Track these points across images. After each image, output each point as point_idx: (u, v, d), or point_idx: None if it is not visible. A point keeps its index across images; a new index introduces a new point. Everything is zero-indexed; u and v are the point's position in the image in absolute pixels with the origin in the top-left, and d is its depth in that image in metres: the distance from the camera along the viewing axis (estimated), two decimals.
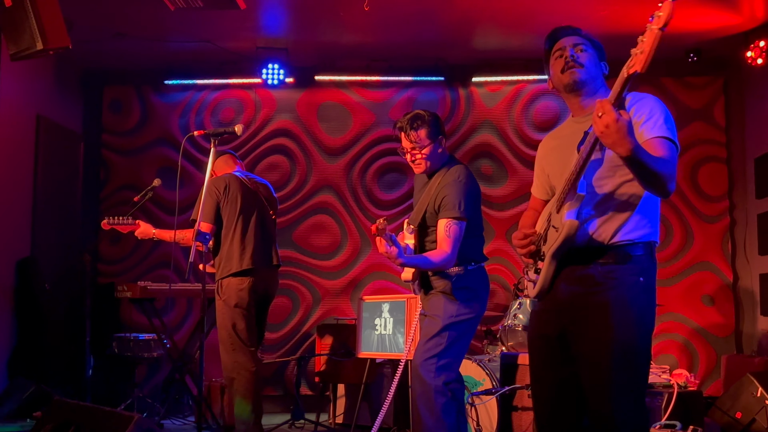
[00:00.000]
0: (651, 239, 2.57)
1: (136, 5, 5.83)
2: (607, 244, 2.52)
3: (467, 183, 3.72)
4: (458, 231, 3.62)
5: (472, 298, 3.71)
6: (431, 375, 3.58)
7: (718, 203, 7.01)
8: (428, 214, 3.75)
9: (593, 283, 2.52)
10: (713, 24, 6.15)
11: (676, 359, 6.83)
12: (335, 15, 6.06)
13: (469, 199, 3.69)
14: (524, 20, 6.07)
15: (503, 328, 5.43)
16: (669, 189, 2.39)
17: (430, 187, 3.78)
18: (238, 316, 4.63)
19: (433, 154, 3.75)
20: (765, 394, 4.76)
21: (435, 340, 3.63)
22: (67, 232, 7.01)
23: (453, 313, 3.65)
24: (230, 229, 4.72)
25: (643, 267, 2.54)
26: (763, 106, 6.59)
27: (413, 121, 3.72)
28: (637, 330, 2.49)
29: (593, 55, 2.65)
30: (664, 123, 2.47)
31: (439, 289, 3.72)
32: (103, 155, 7.44)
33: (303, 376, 6.64)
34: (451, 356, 3.64)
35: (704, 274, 6.95)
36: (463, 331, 3.69)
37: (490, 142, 7.25)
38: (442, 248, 3.63)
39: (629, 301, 2.49)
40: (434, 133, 3.73)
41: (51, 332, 6.33)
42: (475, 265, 3.75)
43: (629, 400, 2.47)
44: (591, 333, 2.50)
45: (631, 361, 2.48)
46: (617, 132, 2.19)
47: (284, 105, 7.38)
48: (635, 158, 2.25)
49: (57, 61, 6.81)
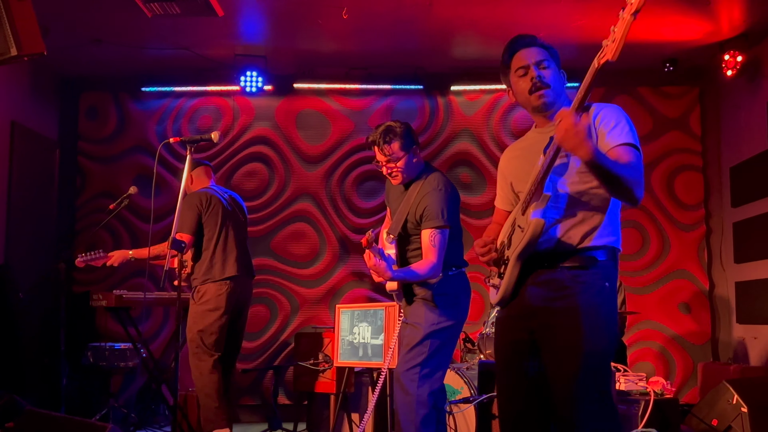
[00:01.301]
0: (615, 245, 2.59)
1: (113, 12, 5.79)
2: (574, 248, 2.53)
3: (446, 190, 3.73)
4: (442, 240, 3.63)
5: (454, 304, 3.69)
6: (414, 385, 3.55)
7: (694, 212, 7.07)
8: (409, 224, 3.75)
9: (560, 286, 2.53)
10: (689, 34, 6.21)
11: (653, 367, 6.86)
12: (314, 23, 6.06)
13: (450, 207, 3.70)
14: (502, 30, 6.08)
15: (481, 336, 5.42)
16: (637, 195, 2.40)
17: (408, 197, 3.78)
18: (209, 319, 4.70)
19: (409, 164, 3.76)
20: (741, 402, 4.80)
21: (417, 349, 3.61)
22: (42, 241, 6.93)
23: (434, 320, 3.63)
24: (212, 240, 4.84)
25: (607, 272, 2.55)
26: (739, 115, 6.66)
27: (385, 135, 3.72)
28: (605, 335, 2.51)
29: (554, 68, 2.66)
30: (629, 131, 2.50)
31: (420, 297, 3.70)
32: (79, 162, 7.36)
33: (281, 386, 6.60)
34: (434, 365, 3.62)
35: (680, 282, 7.00)
36: (446, 339, 3.66)
37: (469, 150, 7.26)
38: (428, 258, 3.62)
39: (597, 306, 2.50)
40: (407, 144, 3.74)
41: (25, 341, 6.23)
42: (456, 270, 3.74)
43: (597, 407, 2.47)
44: (560, 338, 2.50)
45: (599, 367, 2.49)
46: (575, 136, 2.21)
47: (263, 113, 7.36)
48: (596, 162, 2.28)
49: (33, 67, 6.75)
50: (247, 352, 7.08)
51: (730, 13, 5.88)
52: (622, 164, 2.38)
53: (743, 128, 6.56)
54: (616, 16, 2.07)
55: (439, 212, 3.64)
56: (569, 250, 2.53)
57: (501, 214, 2.90)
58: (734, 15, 5.91)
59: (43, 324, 6.53)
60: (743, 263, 6.53)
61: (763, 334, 6.17)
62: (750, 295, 6.41)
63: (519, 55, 2.68)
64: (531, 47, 2.68)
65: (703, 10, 5.74)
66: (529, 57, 2.65)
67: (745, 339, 6.47)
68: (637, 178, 2.40)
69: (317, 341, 5.86)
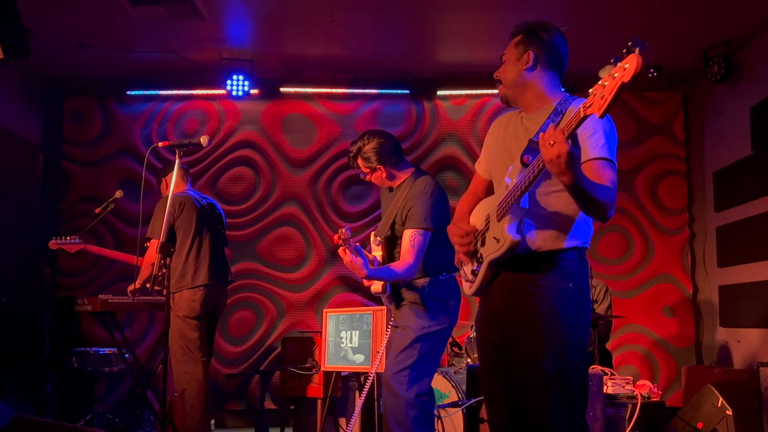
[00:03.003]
0: (582, 245, 2.59)
1: (98, 15, 5.76)
2: (540, 252, 2.54)
3: (433, 194, 3.75)
4: (422, 242, 3.64)
5: (443, 309, 3.70)
6: (403, 387, 3.56)
7: (678, 216, 7.12)
8: (396, 225, 3.77)
9: (523, 290, 2.55)
10: (673, 40, 6.26)
11: (637, 370, 6.90)
12: (301, 27, 6.06)
13: (435, 210, 3.71)
14: (488, 35, 6.13)
15: (469, 340, 5.43)
16: (608, 215, 2.42)
17: (396, 200, 3.81)
18: (188, 326, 4.70)
19: (376, 179, 3.89)
20: (726, 405, 4.84)
21: (407, 351, 3.61)
22: (26, 245, 6.86)
23: (424, 324, 3.64)
24: (185, 246, 4.80)
25: (571, 272, 2.54)
26: (722, 120, 6.73)
27: (354, 158, 3.91)
28: (568, 338, 2.49)
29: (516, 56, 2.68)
30: (606, 142, 2.49)
31: (410, 300, 3.71)
32: (64, 167, 7.31)
33: (267, 390, 6.58)
34: (423, 368, 3.62)
35: (664, 286, 7.05)
36: (435, 342, 3.67)
37: (455, 154, 7.29)
38: (405, 259, 3.64)
39: (558, 309, 2.50)
40: (378, 161, 3.83)
41: (9, 347, 6.18)
42: (447, 275, 3.75)
43: (563, 410, 2.46)
44: (524, 342, 2.53)
45: (565, 370, 2.47)
46: (566, 163, 2.22)
47: (249, 116, 7.34)
48: (578, 187, 2.29)
49: (17, 71, 6.69)
50: (233, 356, 7.06)
51: (713, 20, 5.94)
52: (601, 186, 2.39)
53: (726, 133, 6.62)
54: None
55: (422, 215, 3.67)
56: (535, 254, 2.55)
57: (480, 181, 2.91)
58: (717, 21, 5.97)
59: (27, 329, 6.47)
60: (726, 267, 6.59)
61: (746, 337, 6.22)
62: (733, 298, 6.47)
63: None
64: (511, 38, 2.75)
65: (686, 16, 5.79)
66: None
67: (729, 342, 6.53)
68: (612, 200, 2.41)
69: (304, 345, 5.85)
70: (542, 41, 2.66)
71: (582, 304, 2.56)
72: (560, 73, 2.70)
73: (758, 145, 6.01)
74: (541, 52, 2.66)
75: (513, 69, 2.69)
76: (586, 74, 2.22)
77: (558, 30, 2.70)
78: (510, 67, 2.71)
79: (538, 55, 2.65)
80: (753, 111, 6.11)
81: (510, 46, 2.73)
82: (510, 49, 2.73)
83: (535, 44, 2.67)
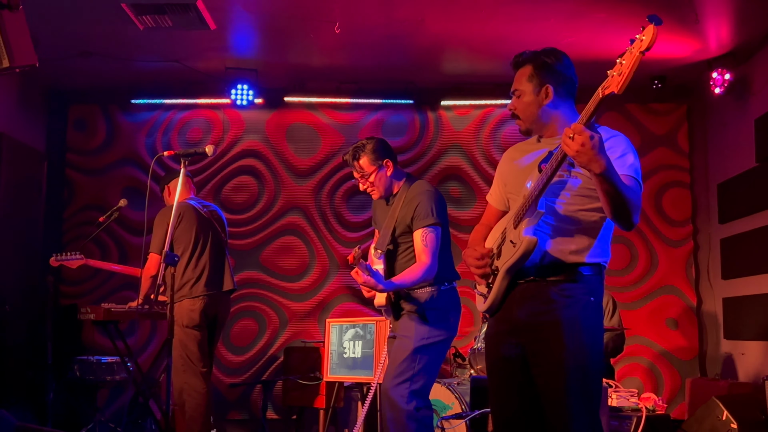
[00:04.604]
0: (602, 263, 2.62)
1: (104, 24, 5.77)
2: (562, 263, 2.55)
3: (434, 192, 3.74)
4: (435, 238, 3.61)
5: (443, 320, 3.67)
6: (404, 400, 3.52)
7: (682, 228, 7.11)
8: (398, 234, 3.72)
9: (547, 300, 2.55)
10: (678, 51, 6.26)
11: (641, 382, 6.88)
12: (306, 37, 6.06)
13: (440, 207, 3.68)
14: (492, 46, 6.13)
15: (472, 351, 5.42)
16: (634, 220, 2.43)
17: (393, 209, 3.77)
18: (188, 336, 4.70)
19: (381, 178, 3.81)
20: (731, 418, 4.82)
21: (406, 363, 3.58)
22: (29, 253, 6.86)
23: (424, 335, 3.60)
24: (184, 256, 4.81)
25: (593, 287, 2.58)
26: (726, 132, 6.72)
27: (354, 153, 3.82)
28: (590, 350, 2.53)
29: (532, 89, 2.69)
30: (633, 163, 2.54)
31: (411, 311, 3.67)
32: (68, 175, 7.32)
33: (269, 400, 6.55)
34: (423, 380, 3.59)
35: (668, 297, 7.03)
36: (435, 354, 3.64)
37: (459, 165, 7.29)
38: (420, 260, 3.59)
39: (581, 321, 2.52)
40: (377, 159, 3.78)
41: (11, 355, 6.17)
42: (448, 285, 3.72)
43: (585, 423, 2.48)
44: (546, 354, 2.53)
45: (586, 383, 2.51)
46: (593, 149, 2.23)
47: (253, 126, 7.35)
48: (608, 176, 2.30)
49: (21, 78, 6.71)
50: (235, 366, 7.04)
51: (718, 32, 5.94)
52: (629, 186, 2.42)
53: (730, 145, 6.61)
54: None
55: (429, 211, 3.63)
56: (557, 264, 2.55)
57: (492, 212, 2.92)
58: (722, 33, 5.97)
59: (29, 337, 6.46)
60: (731, 279, 6.56)
61: (751, 350, 6.19)
62: (737, 311, 6.44)
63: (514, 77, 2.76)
64: (517, 70, 2.75)
65: (691, 28, 5.79)
66: (514, 82, 2.74)
67: (733, 355, 6.50)
68: (638, 204, 2.44)
69: (307, 355, 5.83)
70: (555, 72, 2.68)
71: (601, 318, 2.62)
72: (575, 96, 2.73)
73: (763, 157, 6.00)
74: (557, 84, 2.67)
75: (533, 105, 2.69)
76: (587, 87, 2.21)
77: (564, 55, 2.72)
78: (528, 103, 2.70)
79: (555, 88, 2.67)
80: (758, 123, 6.11)
81: (521, 79, 2.71)
82: (522, 83, 2.71)
83: (550, 77, 2.67)
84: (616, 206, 2.40)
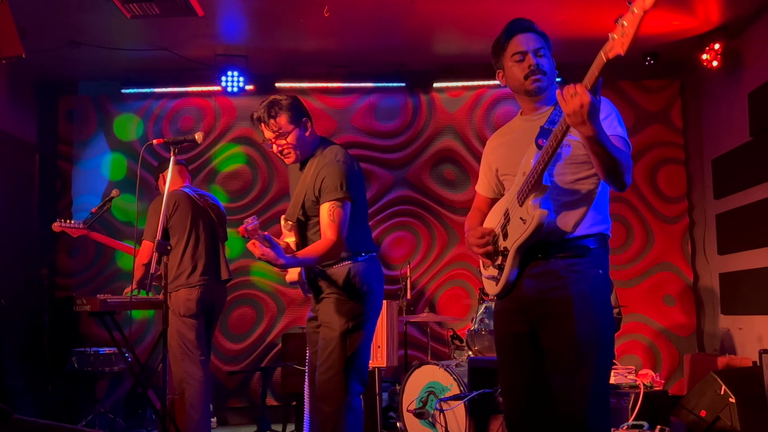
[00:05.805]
0: (605, 232, 2.63)
1: (91, 13, 5.72)
2: (566, 238, 2.55)
3: (347, 162, 3.38)
4: (343, 214, 3.28)
5: (366, 293, 3.38)
6: (340, 392, 3.29)
7: (677, 204, 7.11)
8: (308, 204, 3.40)
9: (556, 276, 2.55)
10: (669, 27, 6.23)
11: (640, 360, 6.89)
12: (295, 21, 6.02)
13: (351, 179, 3.33)
14: (484, 26, 6.08)
15: (470, 333, 5.42)
16: (626, 180, 2.45)
17: (305, 176, 3.43)
18: (186, 326, 4.67)
19: (300, 139, 3.42)
20: (729, 392, 4.82)
21: (336, 354, 3.32)
22: (23, 246, 6.84)
23: (348, 317, 3.34)
24: (180, 245, 4.77)
25: (600, 260, 2.59)
26: (719, 107, 6.70)
27: (270, 109, 3.41)
28: (601, 324, 2.53)
29: (549, 57, 2.70)
30: (619, 125, 2.57)
31: (329, 292, 3.40)
32: (60, 166, 7.28)
33: (268, 387, 6.56)
34: (355, 366, 3.34)
35: (665, 274, 7.04)
36: (362, 336, 3.37)
37: (452, 147, 7.26)
38: (326, 236, 3.26)
39: (592, 295, 2.53)
40: (296, 117, 3.42)
41: (8, 349, 6.16)
42: (366, 255, 3.42)
43: (597, 400, 2.49)
44: (558, 329, 2.52)
45: (599, 354, 2.51)
46: (588, 114, 2.25)
47: (244, 113, 7.30)
48: (598, 141, 2.32)
49: (10, 70, 6.66)
50: (233, 353, 7.04)
51: (709, 6, 5.91)
52: (618, 148, 2.43)
53: (724, 120, 6.60)
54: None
55: (338, 184, 3.28)
56: (562, 239, 2.56)
57: (482, 200, 2.92)
58: (713, 8, 5.94)
59: (26, 330, 6.45)
60: (727, 254, 6.57)
61: (748, 324, 6.21)
62: (734, 286, 6.45)
63: (516, 40, 2.69)
64: (528, 33, 2.70)
65: (682, 2, 5.76)
66: (526, 43, 2.68)
67: (731, 330, 6.52)
68: (629, 164, 2.46)
69: (305, 341, 5.82)
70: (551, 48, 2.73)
71: (608, 290, 2.63)
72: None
73: (756, 130, 5.99)
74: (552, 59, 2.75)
75: (551, 69, 2.70)
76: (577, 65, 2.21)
77: None
78: (551, 64, 2.70)
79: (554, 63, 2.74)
80: (750, 97, 6.09)
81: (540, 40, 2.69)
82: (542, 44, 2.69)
83: (550, 50, 2.72)
84: (608, 168, 2.41)
